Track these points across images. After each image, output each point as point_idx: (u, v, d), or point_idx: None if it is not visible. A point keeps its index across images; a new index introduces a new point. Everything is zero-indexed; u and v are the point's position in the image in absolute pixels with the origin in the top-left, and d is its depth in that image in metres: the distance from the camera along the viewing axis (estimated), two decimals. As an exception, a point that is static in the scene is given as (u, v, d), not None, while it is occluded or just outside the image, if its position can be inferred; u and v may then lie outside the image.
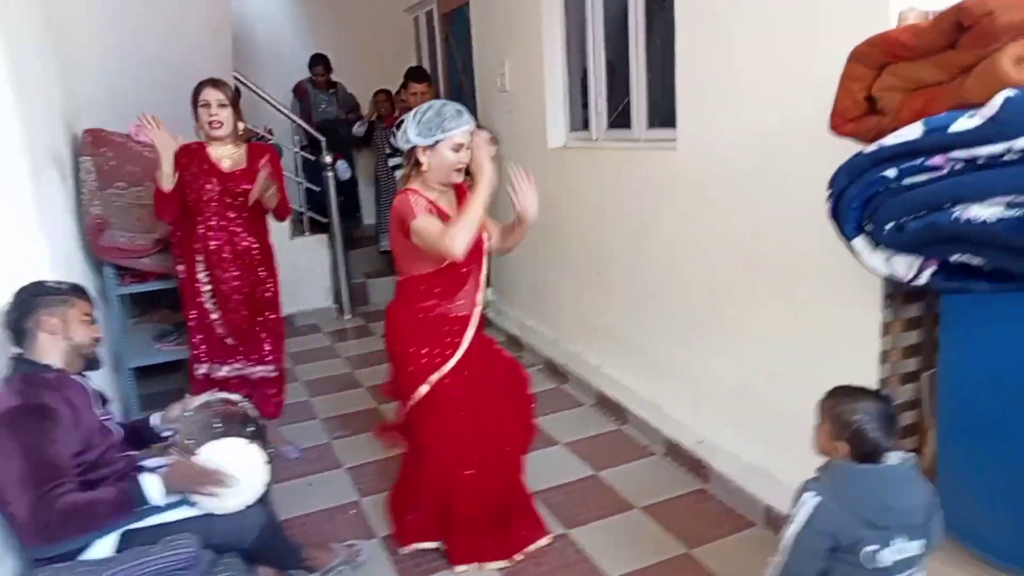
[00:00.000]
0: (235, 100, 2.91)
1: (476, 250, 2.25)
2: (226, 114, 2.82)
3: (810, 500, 1.49)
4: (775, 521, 2.47)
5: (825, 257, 2.21)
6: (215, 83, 2.84)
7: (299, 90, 6.25)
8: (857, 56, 1.86)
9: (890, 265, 1.79)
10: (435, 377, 2.25)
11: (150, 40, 4.01)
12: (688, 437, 2.94)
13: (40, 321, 1.89)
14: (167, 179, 2.76)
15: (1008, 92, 1.49)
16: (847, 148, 1.89)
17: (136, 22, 3.95)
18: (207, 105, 2.78)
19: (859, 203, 1.78)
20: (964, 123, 1.55)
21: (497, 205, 2.54)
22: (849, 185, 1.80)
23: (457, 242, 2.05)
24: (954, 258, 1.68)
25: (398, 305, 2.33)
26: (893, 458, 1.51)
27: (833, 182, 1.83)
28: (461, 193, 2.30)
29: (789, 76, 2.31)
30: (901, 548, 1.46)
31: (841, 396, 1.57)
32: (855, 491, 1.48)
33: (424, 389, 2.26)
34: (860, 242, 1.82)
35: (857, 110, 1.91)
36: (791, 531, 1.51)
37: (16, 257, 2.26)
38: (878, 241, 1.79)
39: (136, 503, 1.83)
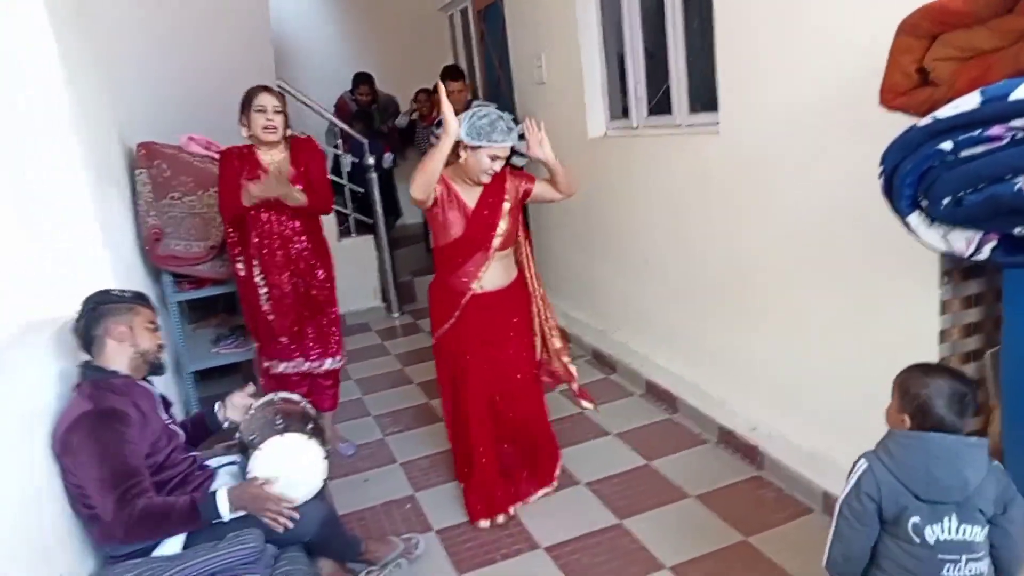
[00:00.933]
0: (285, 104, 2.97)
1: (482, 235, 2.53)
2: (280, 120, 2.89)
3: (860, 466, 1.50)
4: (833, 506, 2.42)
5: (876, 236, 2.15)
6: (269, 89, 2.92)
7: (341, 108, 6.18)
8: (906, 28, 1.80)
9: (948, 241, 1.73)
10: (439, 332, 2.67)
11: (190, 53, 4.12)
12: (741, 424, 2.90)
13: (108, 328, 1.97)
14: (248, 200, 2.85)
15: None
16: (893, 124, 1.83)
17: (175, 36, 4.07)
18: (263, 110, 2.85)
19: (913, 178, 1.71)
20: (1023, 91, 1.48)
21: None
22: (902, 160, 1.73)
23: (412, 185, 2.38)
24: (1017, 231, 1.62)
25: (434, 273, 2.73)
26: (959, 439, 1.46)
27: (885, 158, 1.76)
28: (496, 183, 2.56)
29: (830, 54, 2.25)
30: (951, 527, 1.42)
31: (914, 370, 1.54)
32: (904, 457, 1.46)
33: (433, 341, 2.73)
34: (915, 218, 1.76)
35: (909, 83, 1.85)
36: (841, 499, 1.52)
37: (82, 270, 2.37)
38: (934, 217, 1.73)
39: (207, 517, 1.89)
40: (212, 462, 2.21)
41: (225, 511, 1.90)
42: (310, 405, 2.40)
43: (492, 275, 2.59)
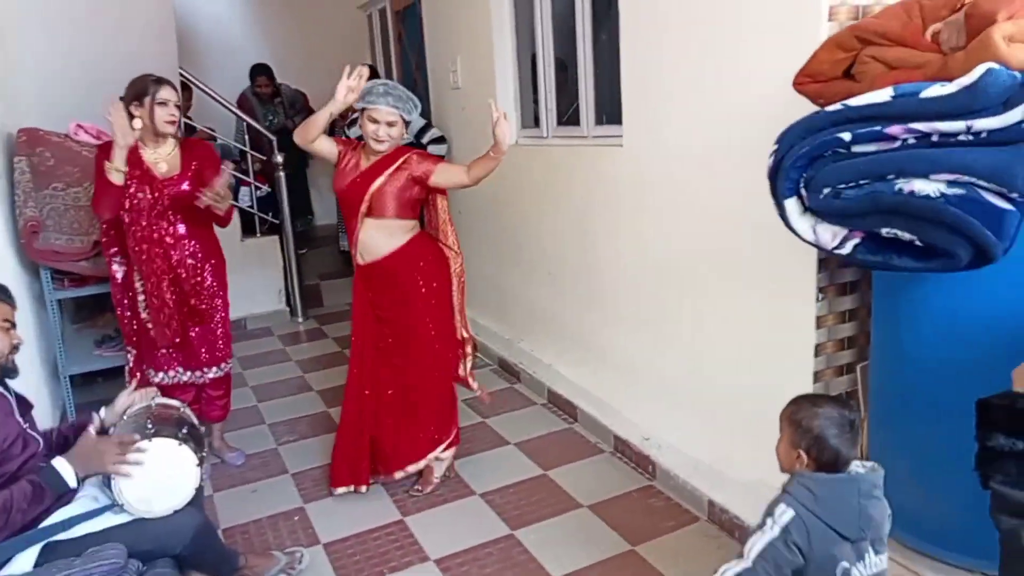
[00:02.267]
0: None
1: (352, 196, 2.63)
2: (179, 114, 2.78)
3: (785, 512, 1.40)
4: (718, 515, 2.49)
5: (764, 251, 2.23)
6: (171, 83, 2.77)
7: (241, 102, 5.95)
8: (859, 32, 1.82)
9: (816, 232, 1.76)
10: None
11: (89, 38, 3.91)
12: (636, 434, 2.95)
13: None
14: (117, 173, 2.64)
15: (991, 64, 1.46)
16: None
17: (74, 21, 3.85)
18: (165, 104, 2.70)
19: (804, 162, 1.72)
20: (936, 90, 1.52)
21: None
22: (798, 143, 1.74)
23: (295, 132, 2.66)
24: (885, 231, 1.67)
25: None
26: (857, 466, 1.45)
27: (782, 139, 1.77)
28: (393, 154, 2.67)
29: (728, 74, 2.32)
30: (872, 562, 1.42)
31: (801, 402, 1.52)
32: (833, 499, 1.40)
33: None
34: (791, 203, 1.78)
35: (832, 73, 1.88)
36: (763, 540, 1.41)
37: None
38: (809, 206, 1.77)
39: (52, 487, 1.76)
40: None
41: (71, 477, 1.77)
42: (189, 411, 2.27)
43: (370, 244, 2.66)
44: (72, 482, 1.78)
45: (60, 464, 1.78)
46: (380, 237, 2.65)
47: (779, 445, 1.54)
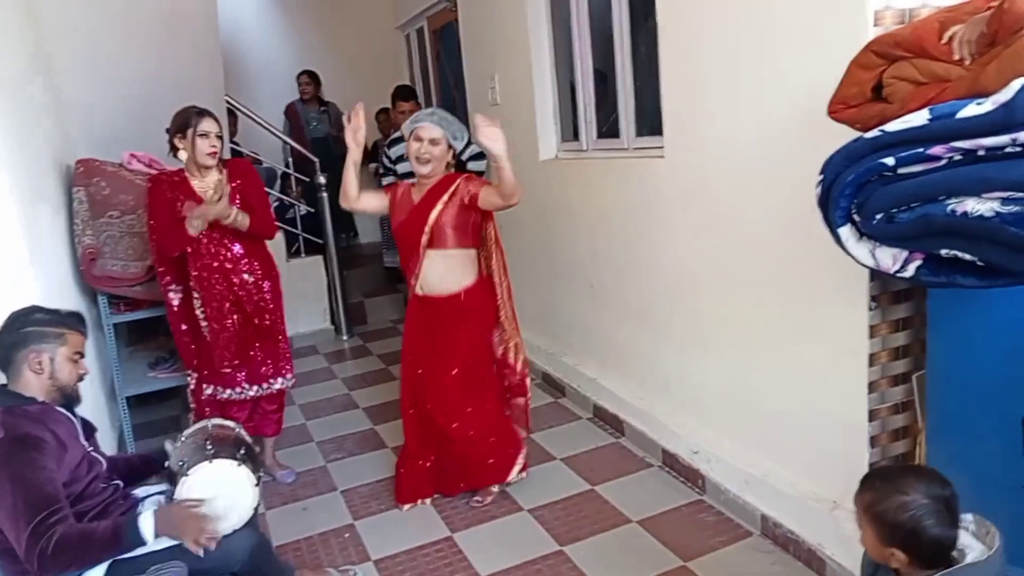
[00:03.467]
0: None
1: (412, 230, 2.65)
2: (220, 144, 2.86)
3: None
4: (771, 529, 2.44)
5: (811, 260, 2.19)
6: (212, 115, 2.86)
7: (289, 110, 6.27)
8: (874, 47, 1.80)
9: (875, 256, 1.74)
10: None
11: (138, 69, 4.04)
12: (684, 448, 2.90)
13: (29, 357, 1.85)
14: (195, 229, 2.77)
15: None
16: (831, 150, 1.86)
17: (123, 52, 3.99)
18: (206, 136, 2.79)
19: (852, 189, 1.70)
20: (972, 109, 1.48)
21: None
22: (843, 171, 1.74)
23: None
24: (944, 252, 1.64)
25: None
26: (972, 550, 1.24)
27: (826, 168, 1.75)
28: (443, 182, 2.69)
29: (770, 82, 2.29)
30: None
31: (880, 488, 1.29)
32: None
33: None
34: (846, 231, 1.77)
35: (861, 98, 1.86)
36: None
37: (5, 288, 2.26)
38: (864, 232, 1.75)
39: (129, 541, 1.80)
40: (139, 491, 2.12)
41: (149, 535, 1.80)
42: (244, 431, 2.32)
43: (432, 277, 2.67)
44: (150, 541, 1.80)
45: (145, 523, 1.80)
46: (443, 270, 2.67)
47: (864, 538, 1.33)
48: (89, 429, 2.09)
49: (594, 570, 2.39)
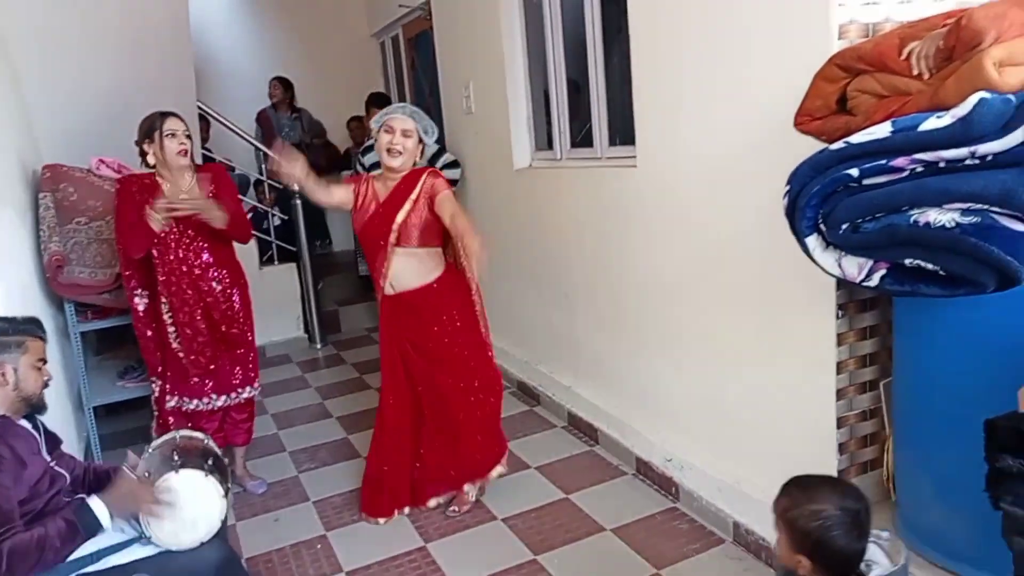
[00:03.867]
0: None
1: (378, 229, 2.61)
2: (189, 144, 2.82)
3: None
4: (743, 536, 2.46)
5: (780, 270, 2.22)
6: (177, 114, 2.83)
7: (261, 117, 6.22)
8: (838, 60, 1.85)
9: (841, 266, 1.78)
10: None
11: (106, 73, 3.98)
12: (658, 456, 2.92)
13: None
14: (158, 222, 2.69)
15: (983, 93, 1.47)
16: (797, 161, 1.89)
17: (92, 58, 3.93)
18: (174, 135, 2.75)
19: (817, 200, 1.75)
20: (933, 123, 1.53)
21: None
22: (809, 182, 1.77)
23: None
24: (908, 262, 1.68)
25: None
26: (878, 565, 1.27)
27: (792, 179, 1.80)
28: (410, 177, 2.67)
29: (739, 94, 2.32)
30: None
31: (796, 496, 1.31)
32: None
33: None
34: (813, 240, 1.80)
35: (826, 110, 1.90)
36: None
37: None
38: (831, 241, 1.78)
39: (87, 527, 1.77)
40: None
41: (104, 516, 1.78)
42: (213, 442, 2.29)
43: (403, 274, 2.63)
44: (107, 522, 1.79)
45: (96, 504, 1.79)
46: (411, 267, 2.64)
47: (778, 543, 1.35)
48: (53, 442, 2.04)
49: (567, 579, 2.39)
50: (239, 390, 3.01)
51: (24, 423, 1.90)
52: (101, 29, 4.02)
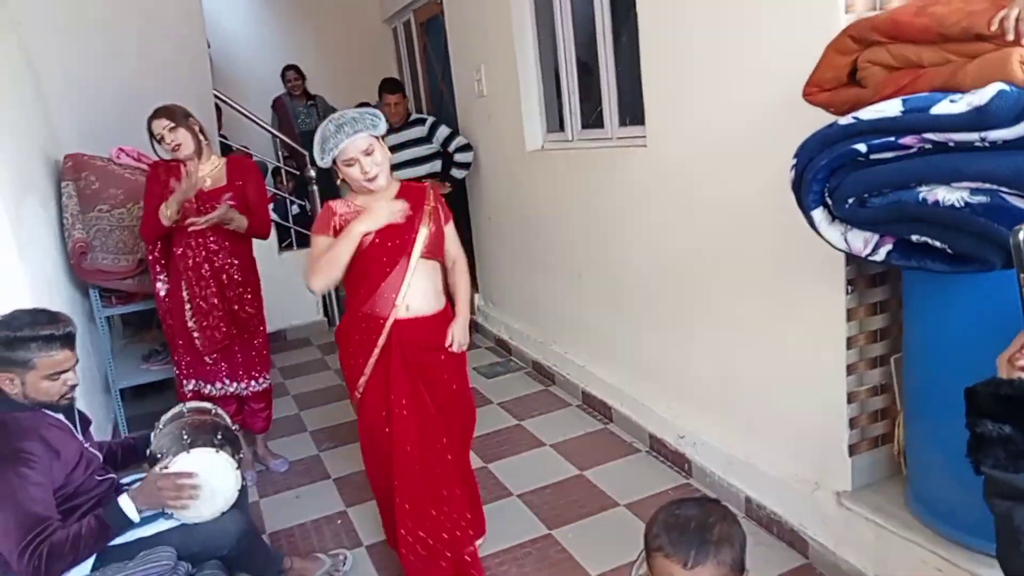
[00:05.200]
0: (184, 117, 2.85)
1: (398, 249, 2.16)
2: (180, 135, 2.80)
3: None
4: (755, 511, 2.49)
5: (790, 246, 2.23)
6: (156, 114, 2.83)
7: (277, 104, 6.29)
8: (852, 32, 1.83)
9: (847, 239, 1.78)
10: (361, 382, 2.24)
11: (123, 64, 4.05)
12: (671, 432, 2.95)
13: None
14: (168, 218, 2.79)
15: (1002, 85, 1.46)
16: (806, 135, 1.89)
17: (108, 48, 4.00)
18: (160, 138, 2.82)
19: (825, 174, 1.75)
20: (946, 107, 1.52)
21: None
22: (817, 156, 1.76)
23: (312, 280, 2.12)
24: (915, 238, 1.68)
25: (346, 311, 2.30)
26: None
27: (800, 152, 1.79)
28: (412, 193, 2.25)
29: (747, 70, 2.32)
30: None
31: (659, 513, 1.29)
32: None
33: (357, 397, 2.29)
34: (819, 214, 1.81)
35: (836, 82, 1.89)
36: None
37: (-5, 283, 2.28)
38: (837, 215, 1.78)
39: (116, 525, 1.84)
40: (128, 479, 2.15)
41: (132, 512, 1.85)
42: (221, 411, 2.30)
43: (418, 294, 2.19)
44: (135, 519, 1.86)
45: (125, 503, 1.85)
46: (430, 286, 2.25)
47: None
48: (85, 422, 2.11)
49: (582, 553, 2.44)
50: (251, 381, 3.05)
51: (51, 413, 1.94)
52: (116, 20, 4.09)
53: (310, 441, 3.52)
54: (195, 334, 2.93)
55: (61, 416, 1.96)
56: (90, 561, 1.85)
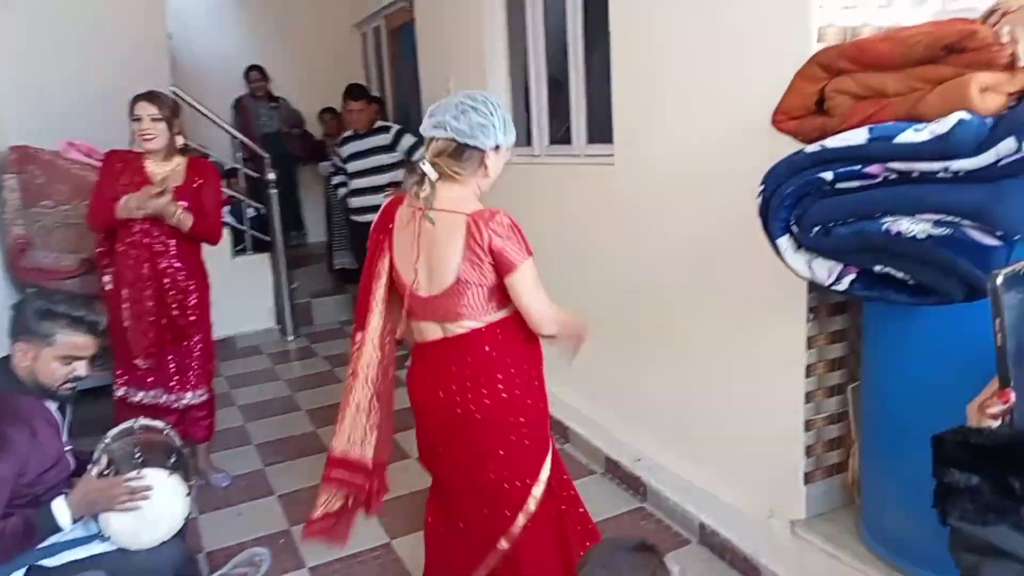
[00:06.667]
0: (172, 115, 2.81)
1: None
2: (160, 128, 2.73)
3: None
4: (709, 538, 2.46)
5: (753, 272, 2.22)
6: (149, 97, 2.76)
7: (239, 104, 6.18)
8: (819, 59, 1.84)
9: (812, 268, 1.78)
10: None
11: (79, 56, 3.92)
12: (627, 455, 2.92)
13: (18, 344, 1.81)
14: (127, 211, 2.68)
15: (963, 114, 1.48)
16: (773, 161, 1.89)
17: (64, 39, 3.86)
18: (139, 119, 2.71)
19: (791, 201, 1.75)
20: (910, 135, 1.53)
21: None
22: (784, 183, 1.77)
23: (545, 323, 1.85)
24: (878, 268, 1.69)
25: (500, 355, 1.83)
26: None
27: (767, 179, 1.80)
28: None
29: (717, 95, 2.32)
30: None
31: (592, 554, 1.31)
32: None
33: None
34: (784, 242, 1.80)
35: (804, 110, 1.90)
36: None
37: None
38: (802, 243, 1.78)
39: (44, 530, 1.74)
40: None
41: (64, 518, 1.74)
42: (174, 433, 2.23)
43: None
44: (66, 525, 1.76)
45: (58, 507, 1.75)
46: None
47: None
48: (75, 427, 2.05)
49: None
50: (185, 392, 2.91)
51: (51, 404, 1.89)
52: (73, 9, 3.95)
53: (255, 455, 3.39)
54: (128, 336, 2.80)
55: (55, 409, 1.91)
56: (18, 577, 1.73)
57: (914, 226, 1.56)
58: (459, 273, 1.73)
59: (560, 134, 3.60)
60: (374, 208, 4.90)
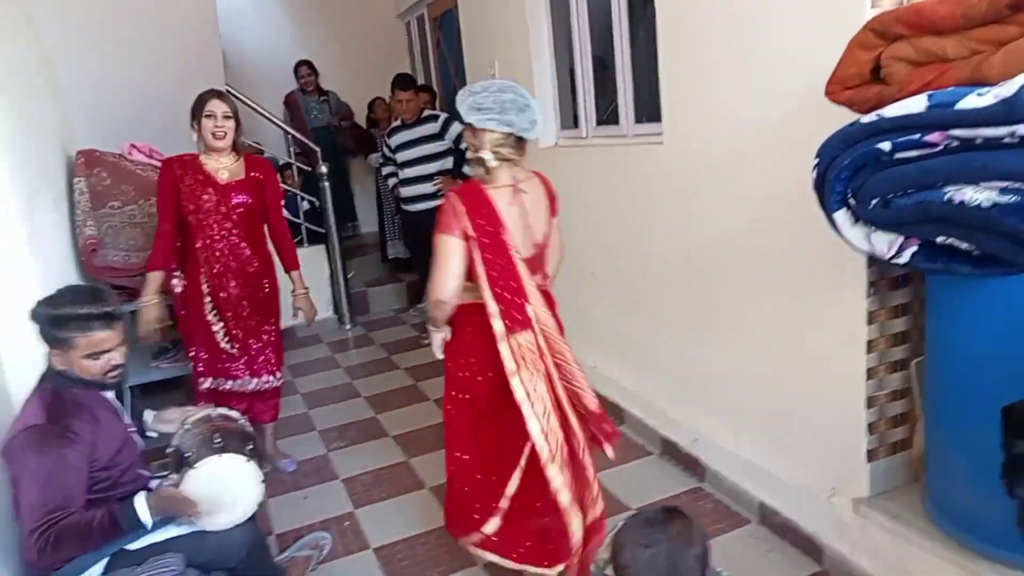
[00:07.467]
0: (237, 113, 2.92)
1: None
2: (230, 125, 2.85)
3: None
4: (770, 518, 2.44)
5: (810, 247, 2.17)
6: (220, 95, 2.88)
7: (289, 100, 6.28)
8: (874, 25, 1.78)
9: (871, 241, 1.73)
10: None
11: (135, 59, 4.05)
12: (684, 436, 2.90)
13: (50, 353, 1.89)
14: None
15: None
16: (828, 134, 1.84)
17: (120, 43, 4.00)
18: (212, 116, 2.81)
19: (848, 174, 1.69)
20: (972, 100, 1.46)
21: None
22: (839, 155, 1.72)
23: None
24: (940, 239, 1.63)
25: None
26: None
27: (822, 152, 1.75)
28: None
29: (768, 67, 2.27)
30: None
31: (629, 531, 1.27)
32: None
33: None
34: (841, 215, 1.75)
35: (860, 79, 1.83)
36: None
37: (6, 283, 2.26)
38: (860, 216, 1.73)
39: (127, 526, 1.82)
40: (154, 483, 2.13)
41: (146, 516, 1.83)
42: (249, 424, 2.30)
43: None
44: (148, 524, 1.84)
45: (140, 507, 1.83)
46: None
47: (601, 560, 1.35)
48: (138, 408, 2.17)
49: (592, 557, 2.39)
50: (269, 375, 3.04)
51: (106, 393, 1.98)
52: (128, 14, 4.08)
53: (319, 440, 3.50)
54: (215, 328, 2.91)
55: (111, 395, 1.99)
56: (101, 566, 1.84)
57: (979, 195, 1.49)
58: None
59: (606, 115, 3.57)
60: (424, 197, 4.99)
